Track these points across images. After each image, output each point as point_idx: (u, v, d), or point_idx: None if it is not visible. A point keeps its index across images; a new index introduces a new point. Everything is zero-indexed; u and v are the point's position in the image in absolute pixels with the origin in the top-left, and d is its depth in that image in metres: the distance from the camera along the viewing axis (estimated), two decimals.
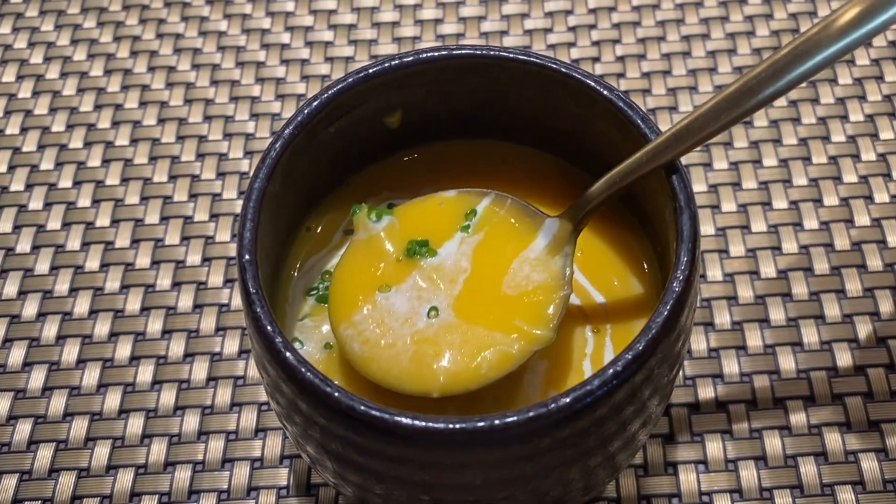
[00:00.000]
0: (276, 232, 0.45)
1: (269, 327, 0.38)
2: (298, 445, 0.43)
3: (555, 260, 0.44)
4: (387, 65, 0.44)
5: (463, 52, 0.44)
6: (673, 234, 0.40)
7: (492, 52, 0.44)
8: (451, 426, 0.35)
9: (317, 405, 0.37)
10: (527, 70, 0.44)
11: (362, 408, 0.36)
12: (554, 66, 0.44)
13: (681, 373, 0.53)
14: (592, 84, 0.43)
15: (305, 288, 0.47)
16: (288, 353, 0.37)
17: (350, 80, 0.44)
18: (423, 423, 0.36)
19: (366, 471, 0.39)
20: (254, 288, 0.39)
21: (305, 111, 0.43)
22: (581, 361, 0.46)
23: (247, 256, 0.39)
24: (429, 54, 0.44)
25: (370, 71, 0.44)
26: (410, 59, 0.44)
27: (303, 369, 0.37)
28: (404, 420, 0.36)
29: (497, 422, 0.35)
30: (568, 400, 0.36)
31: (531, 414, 0.35)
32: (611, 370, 0.36)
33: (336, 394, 0.36)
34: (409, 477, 0.39)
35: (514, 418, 0.35)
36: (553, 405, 0.36)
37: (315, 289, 0.47)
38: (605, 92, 0.43)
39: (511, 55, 0.44)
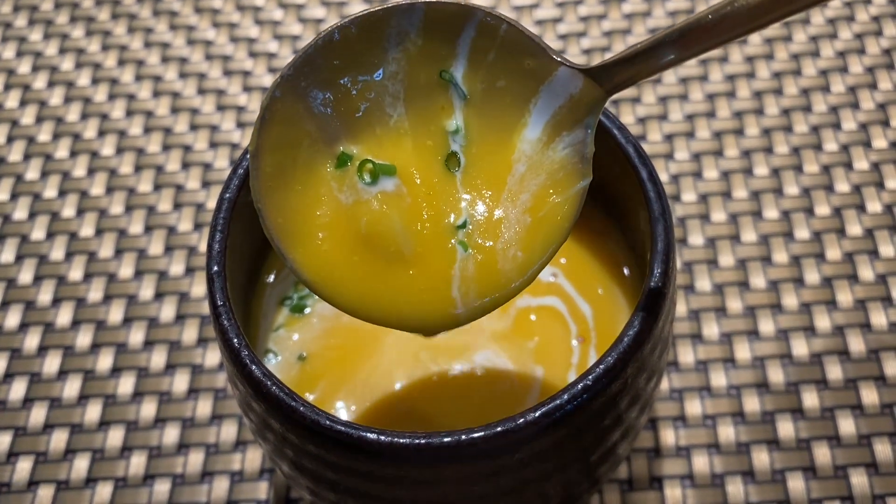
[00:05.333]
0: (251, 242, 0.44)
1: (235, 340, 0.37)
2: (274, 462, 0.42)
3: (565, 138, 0.33)
4: None
5: None
6: (650, 245, 0.40)
7: None
8: (416, 441, 0.35)
9: (284, 420, 0.36)
10: None
11: (327, 422, 0.35)
12: None
13: (667, 385, 0.52)
14: None
15: (280, 297, 0.46)
16: (254, 367, 0.37)
17: None
18: (389, 439, 0.35)
19: (340, 488, 0.39)
20: (221, 300, 0.38)
21: None
22: (566, 371, 0.45)
23: (215, 268, 0.39)
24: None
25: None
26: None
27: (268, 383, 0.36)
28: (370, 435, 0.35)
29: (464, 437, 0.35)
30: (536, 415, 0.35)
31: (499, 429, 0.35)
32: (581, 384, 0.35)
33: (301, 408, 0.36)
34: (383, 494, 0.38)
35: (482, 433, 0.35)
36: (521, 420, 0.35)
37: (289, 298, 0.46)
38: None
39: None
